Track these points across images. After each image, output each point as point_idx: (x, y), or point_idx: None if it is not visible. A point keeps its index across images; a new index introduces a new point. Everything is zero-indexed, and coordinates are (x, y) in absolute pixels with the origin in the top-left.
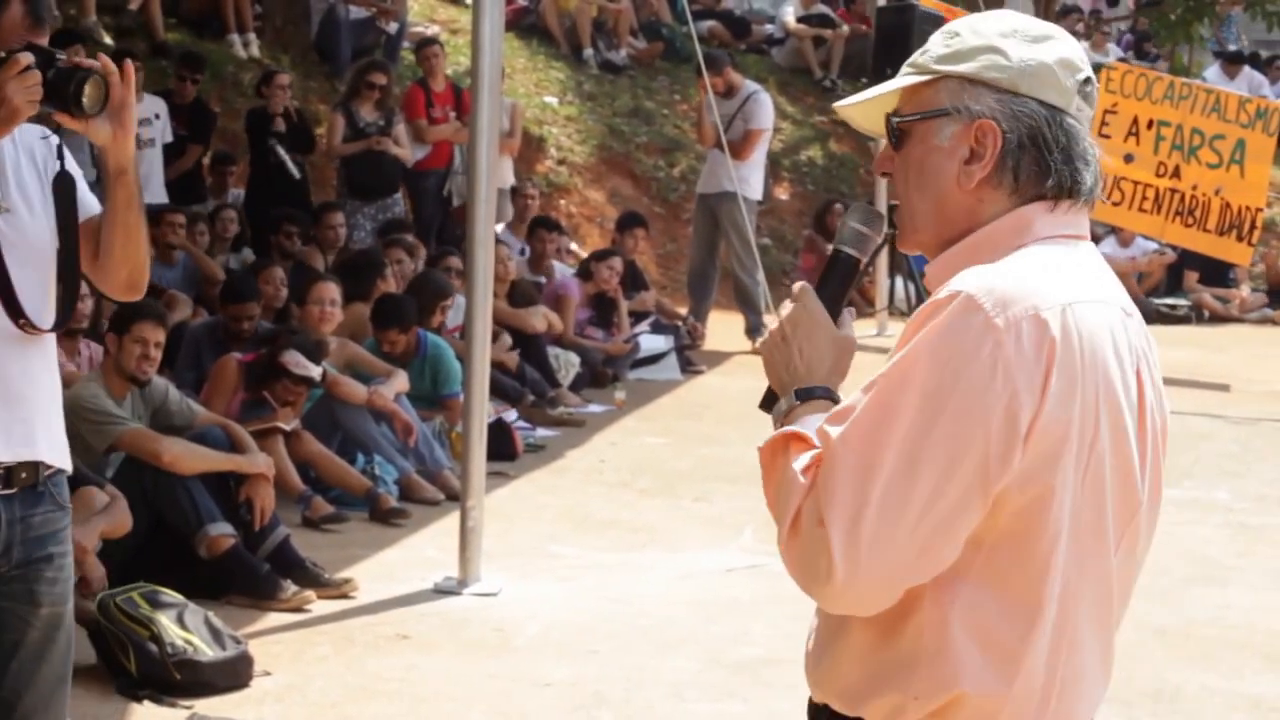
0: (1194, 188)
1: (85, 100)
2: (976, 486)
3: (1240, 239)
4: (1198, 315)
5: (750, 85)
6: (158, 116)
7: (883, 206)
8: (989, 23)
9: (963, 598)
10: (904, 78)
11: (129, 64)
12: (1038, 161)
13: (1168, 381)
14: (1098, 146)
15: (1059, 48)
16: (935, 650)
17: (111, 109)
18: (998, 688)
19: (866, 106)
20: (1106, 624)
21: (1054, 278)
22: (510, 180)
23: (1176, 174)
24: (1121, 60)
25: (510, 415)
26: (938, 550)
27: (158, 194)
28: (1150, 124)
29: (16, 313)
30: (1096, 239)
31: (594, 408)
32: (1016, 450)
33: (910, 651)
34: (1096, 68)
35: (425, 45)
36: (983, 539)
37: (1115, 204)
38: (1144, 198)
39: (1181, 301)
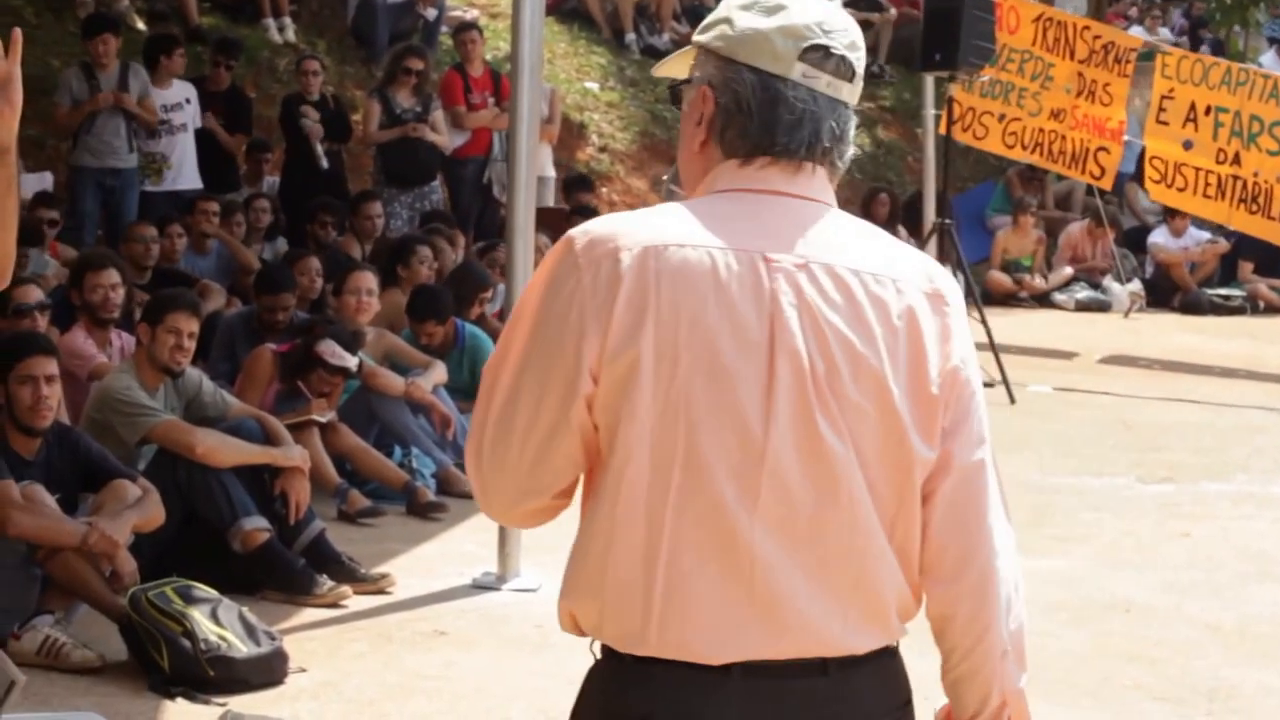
0: (1255, 175)
1: None
2: (560, 412)
3: None
4: (1252, 306)
5: None
6: (189, 101)
7: (931, 194)
8: None
9: (583, 516)
10: (685, 48)
11: (16, 33)
12: (741, 123)
13: (1221, 373)
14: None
15: (788, 16)
16: (568, 564)
17: (0, 85)
18: (588, 601)
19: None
20: (739, 566)
21: (669, 222)
22: (549, 169)
23: (1237, 160)
24: (1175, 45)
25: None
26: (544, 468)
27: (192, 179)
28: (1208, 110)
29: None
30: (1149, 229)
31: None
32: (583, 379)
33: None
34: (1150, 54)
35: (463, 30)
36: (592, 460)
37: (1180, 190)
38: (1207, 184)
39: (1236, 292)
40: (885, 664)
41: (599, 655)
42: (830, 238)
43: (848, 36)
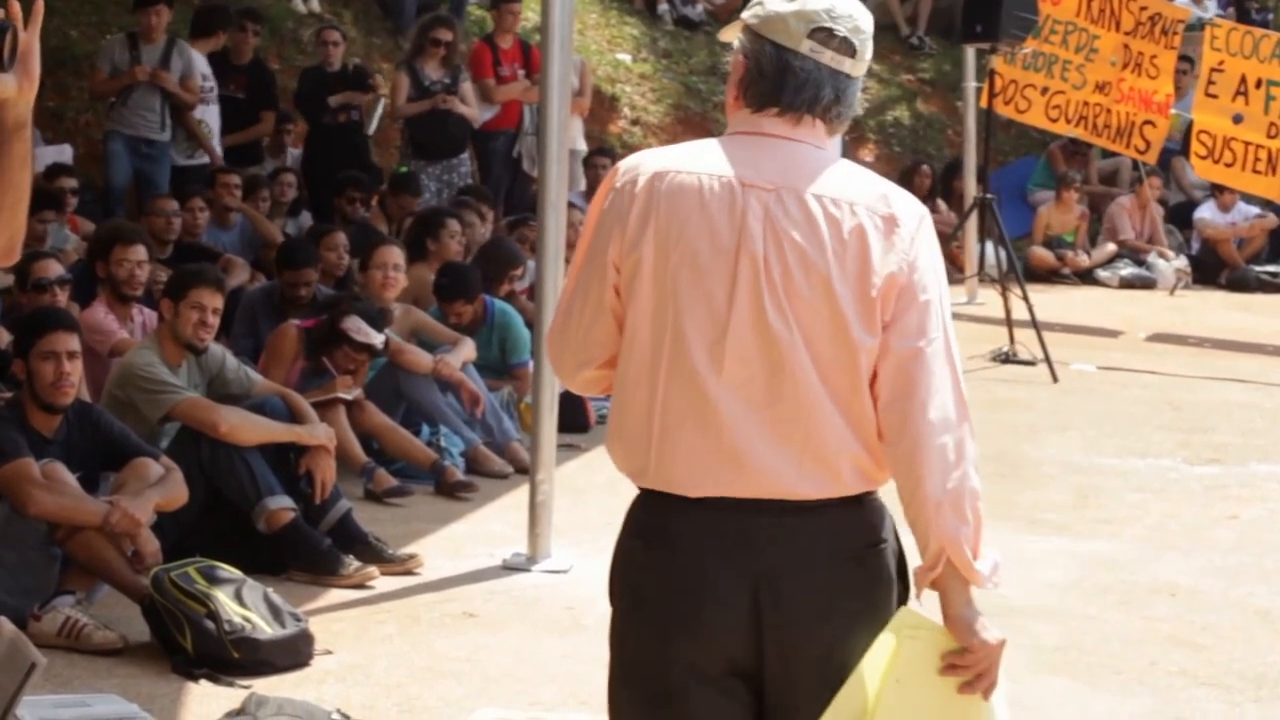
0: None
1: (4, 56)
2: (599, 298)
3: None
4: None
5: None
6: (205, 76)
7: (972, 169)
8: None
9: (614, 382)
10: (735, 20)
11: (38, 4)
12: (760, 84)
13: (1270, 351)
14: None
15: (803, 3)
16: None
17: (19, 57)
18: (617, 446)
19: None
20: (705, 415)
21: (678, 155)
22: (580, 143)
23: None
24: (1221, 17)
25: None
26: (592, 343)
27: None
28: (1259, 83)
29: None
30: (1195, 204)
31: None
32: (610, 271)
33: None
34: (1198, 24)
35: (505, 1)
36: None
37: (1228, 165)
38: (1256, 159)
39: None
40: (837, 512)
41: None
42: (807, 171)
43: (852, 22)
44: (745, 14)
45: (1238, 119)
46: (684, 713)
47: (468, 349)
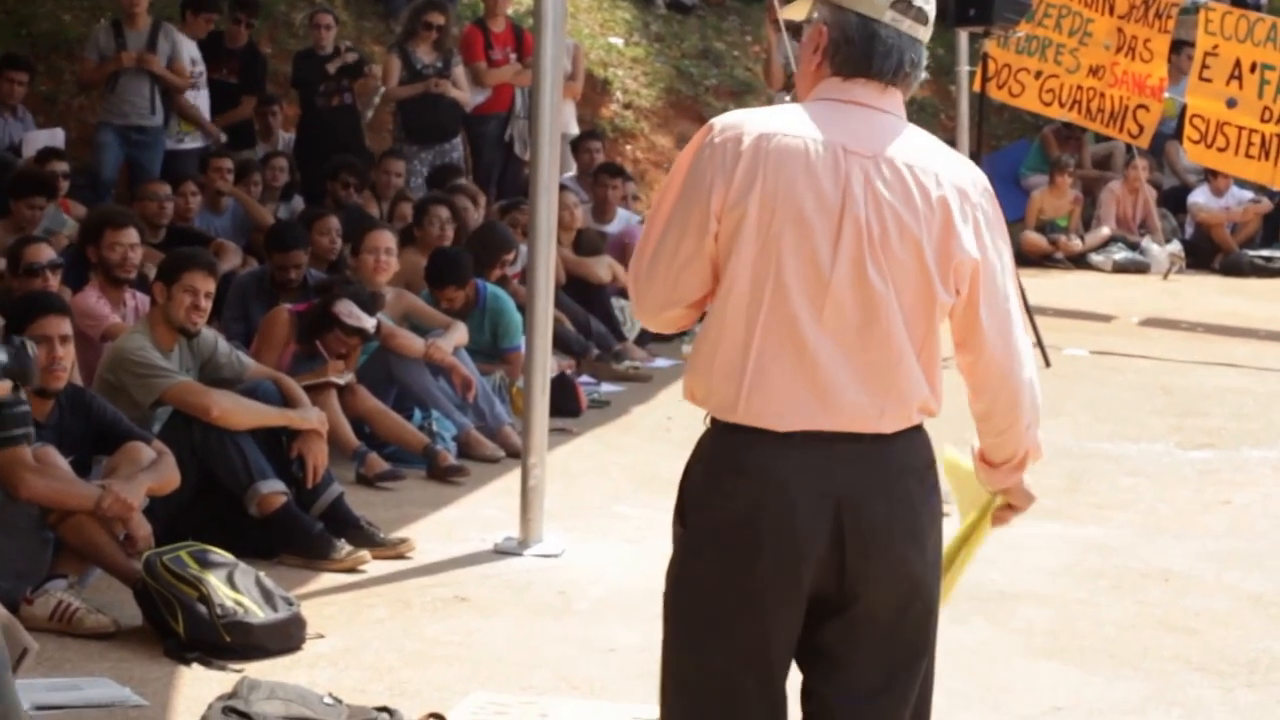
0: None
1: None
2: (696, 244)
3: None
4: None
5: None
6: (194, 61)
7: (964, 153)
8: None
9: (705, 322)
10: None
11: None
12: (847, 51)
13: (1264, 337)
14: (903, 37)
15: None
16: (691, 354)
17: None
18: (701, 380)
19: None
20: (802, 359)
21: (779, 118)
22: (573, 127)
23: None
24: (1216, 0)
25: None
26: (683, 285)
27: (203, 137)
28: (1253, 67)
29: None
30: (1189, 189)
31: (661, 362)
32: (711, 221)
33: None
34: (1194, 8)
35: None
36: (713, 282)
37: (1220, 150)
38: (1249, 143)
39: (1278, 254)
40: (909, 439)
41: (708, 424)
42: (896, 140)
43: None
44: None
45: (1231, 103)
46: (756, 628)
47: (460, 333)
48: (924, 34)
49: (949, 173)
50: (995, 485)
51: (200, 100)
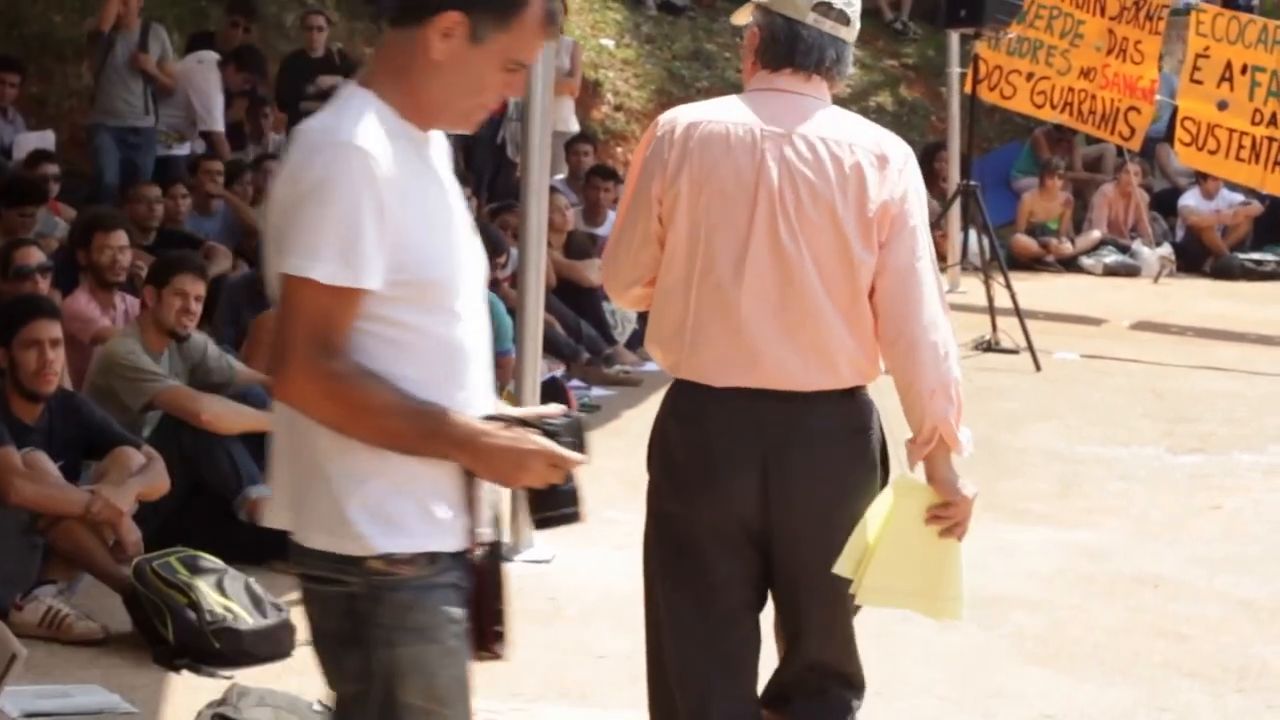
0: None
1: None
2: (645, 227)
3: None
4: None
5: None
6: (200, 62)
7: (955, 155)
8: None
9: (654, 293)
10: (746, 4)
11: None
12: (774, 49)
13: (1255, 340)
14: (838, 34)
15: None
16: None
17: None
18: (656, 345)
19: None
20: (729, 319)
21: (709, 108)
22: (573, 124)
23: (1273, 121)
24: (1207, 2)
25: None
26: (639, 263)
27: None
28: (1244, 69)
29: None
30: (1179, 191)
31: (651, 366)
32: (654, 204)
33: None
34: (1185, 9)
35: None
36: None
37: (1211, 153)
38: (1240, 146)
39: (1269, 257)
40: (835, 400)
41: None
42: (814, 118)
43: None
44: None
45: (1222, 105)
46: (701, 562)
47: None
48: (846, 33)
49: (865, 142)
50: (914, 462)
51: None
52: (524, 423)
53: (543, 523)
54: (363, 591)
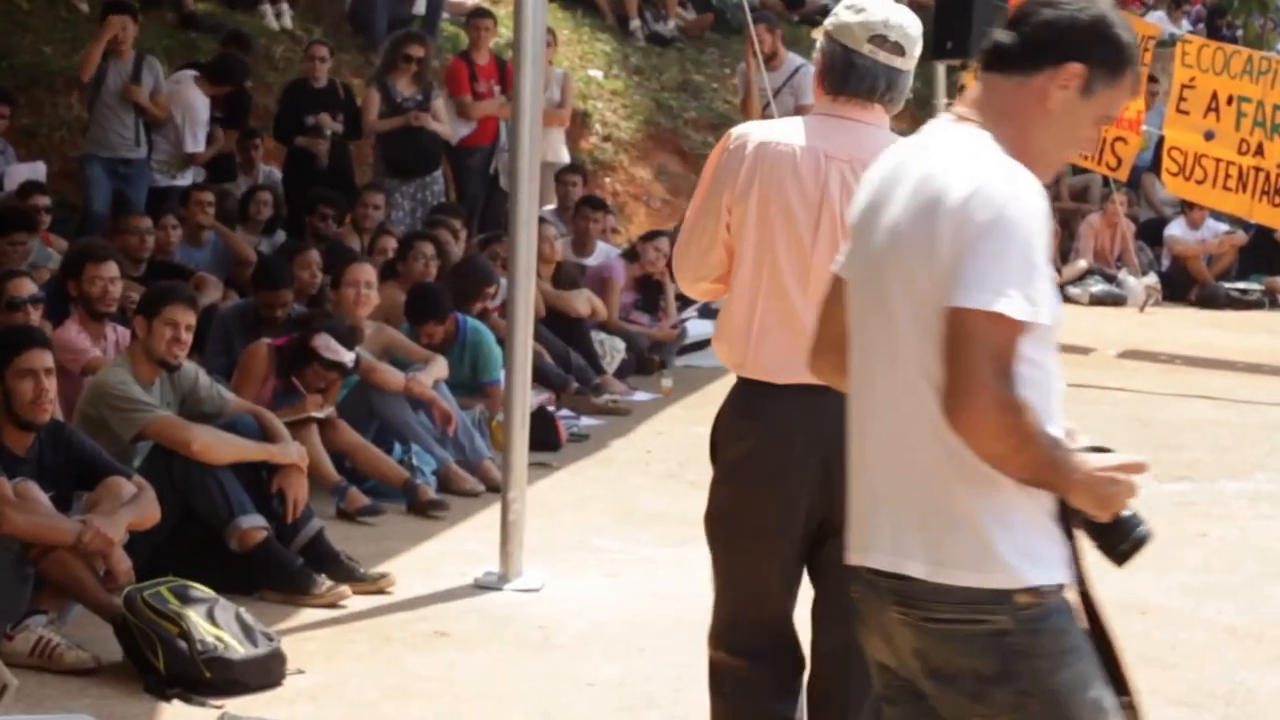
0: (1279, 166)
1: None
2: (715, 231)
3: None
4: (1270, 301)
5: (797, 58)
6: (178, 82)
7: None
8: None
9: (726, 296)
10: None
11: None
12: (831, 75)
13: (1240, 369)
14: (881, 59)
15: (865, 15)
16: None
17: None
18: (723, 343)
19: None
20: (792, 324)
21: (777, 129)
22: (564, 154)
23: (1260, 151)
24: (1193, 33)
25: (542, 396)
26: (708, 262)
27: (200, 172)
28: (1230, 100)
29: None
30: (1165, 221)
31: (640, 396)
32: (724, 213)
33: None
34: (1171, 40)
35: (477, 16)
36: (730, 262)
37: (1199, 182)
38: (1227, 175)
39: (1254, 286)
40: None
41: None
42: (870, 147)
43: (902, 30)
44: (826, 23)
45: (1209, 135)
46: (763, 542)
47: (440, 367)
48: (902, 63)
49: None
50: None
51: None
52: (1097, 449)
53: (1126, 555)
54: (1013, 627)
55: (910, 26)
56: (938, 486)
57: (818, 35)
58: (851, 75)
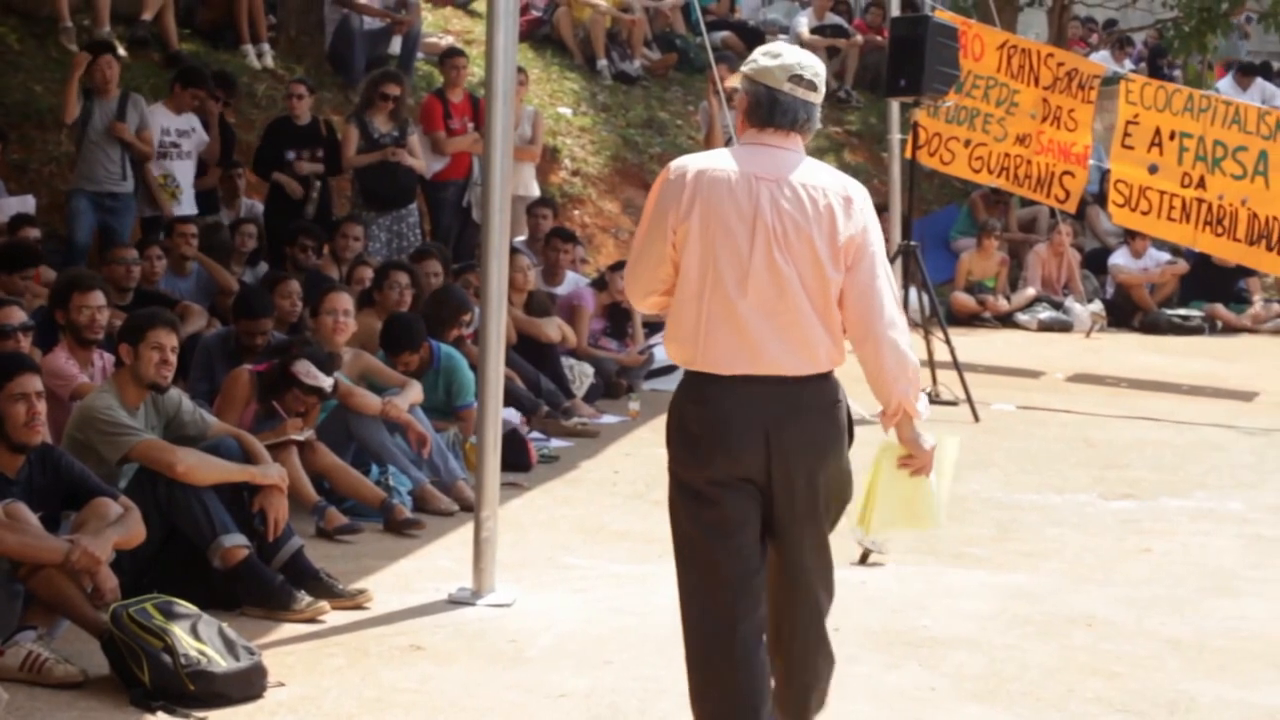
0: (1220, 198)
1: None
2: (661, 250)
3: (1270, 249)
4: (1210, 326)
5: None
6: (194, 130)
7: (896, 217)
8: (763, 46)
9: (671, 304)
10: (738, 73)
11: None
12: (758, 111)
13: (1182, 391)
14: (805, 95)
15: (783, 60)
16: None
17: None
18: (674, 344)
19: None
20: (734, 322)
21: (712, 159)
22: (534, 188)
23: (1202, 184)
24: (1135, 72)
25: (514, 417)
26: (656, 277)
27: (188, 206)
28: (1172, 135)
29: None
30: (1109, 251)
31: (608, 419)
32: (669, 233)
33: None
34: (1115, 79)
35: (451, 56)
36: (675, 275)
37: (1144, 213)
38: (1171, 207)
39: (1194, 313)
40: (817, 382)
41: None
42: (794, 168)
43: (813, 70)
44: (744, 67)
45: (1153, 169)
46: (719, 506)
47: (415, 392)
48: (814, 98)
49: (834, 186)
50: (887, 428)
51: (183, 171)
52: None
53: None
54: None
55: (818, 67)
56: None
57: (734, 82)
58: (776, 110)
